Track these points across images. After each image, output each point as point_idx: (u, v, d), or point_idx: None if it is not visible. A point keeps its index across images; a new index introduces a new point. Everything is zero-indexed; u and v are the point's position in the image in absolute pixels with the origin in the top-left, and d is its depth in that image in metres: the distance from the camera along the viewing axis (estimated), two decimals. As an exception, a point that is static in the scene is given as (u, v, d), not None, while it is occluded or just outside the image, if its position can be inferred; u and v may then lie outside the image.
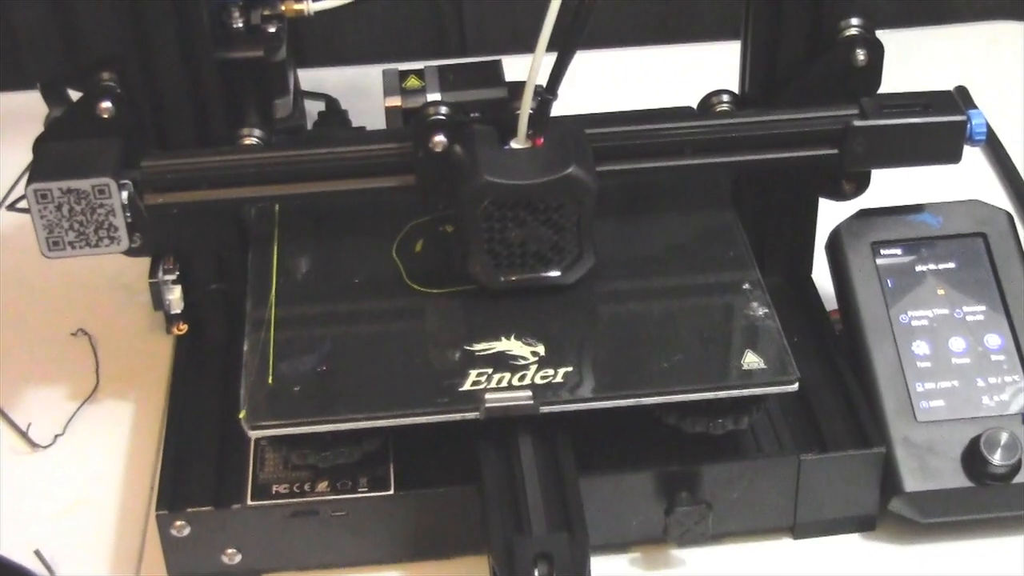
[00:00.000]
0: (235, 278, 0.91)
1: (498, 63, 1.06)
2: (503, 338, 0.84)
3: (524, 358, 0.82)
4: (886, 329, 0.88)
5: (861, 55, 0.87)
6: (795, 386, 0.80)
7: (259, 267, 0.89)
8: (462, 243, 0.85)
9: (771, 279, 0.90)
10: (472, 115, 0.85)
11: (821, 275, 0.96)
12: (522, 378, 0.81)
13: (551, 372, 0.81)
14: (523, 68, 0.84)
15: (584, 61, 1.16)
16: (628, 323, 0.85)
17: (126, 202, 0.82)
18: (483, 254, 0.85)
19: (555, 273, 0.86)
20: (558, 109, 0.84)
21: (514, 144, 0.84)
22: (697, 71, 1.01)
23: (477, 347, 0.83)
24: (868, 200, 0.92)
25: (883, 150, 0.88)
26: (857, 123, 0.87)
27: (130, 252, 0.86)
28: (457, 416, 0.80)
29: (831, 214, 0.94)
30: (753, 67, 0.90)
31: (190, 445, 0.86)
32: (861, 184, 0.91)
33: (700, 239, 0.91)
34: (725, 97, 0.92)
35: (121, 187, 0.82)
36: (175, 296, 0.92)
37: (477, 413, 0.80)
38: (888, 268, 0.90)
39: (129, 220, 0.83)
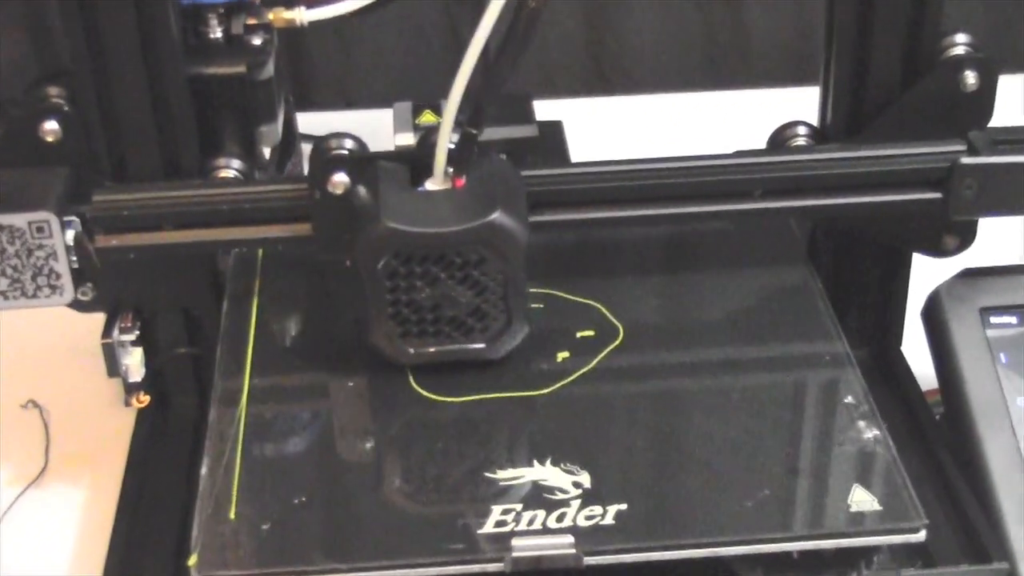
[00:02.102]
0: (207, 341, 0.81)
1: (527, 97, 0.96)
2: (536, 463, 0.70)
3: (563, 490, 0.68)
4: (1001, 414, 0.77)
5: (970, 78, 0.76)
6: (922, 535, 0.66)
7: (231, 338, 0.78)
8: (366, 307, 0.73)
9: (854, 353, 0.78)
10: (383, 152, 0.75)
11: (914, 348, 0.86)
12: (561, 517, 0.67)
13: (599, 510, 0.67)
14: (550, 113, 0.76)
15: (625, 106, 1.02)
16: (696, 442, 0.71)
17: (71, 244, 0.73)
18: (386, 320, 0.73)
19: (477, 345, 0.74)
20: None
21: (429, 185, 0.73)
22: (750, 118, 0.90)
23: (502, 475, 0.69)
24: (972, 258, 0.82)
25: (997, 195, 0.76)
26: (965, 161, 0.76)
27: (78, 306, 0.77)
28: (476, 568, 0.65)
29: (928, 274, 0.85)
30: (836, 94, 0.79)
31: (142, 541, 0.76)
32: (966, 237, 0.80)
33: (775, 315, 0.80)
34: (802, 130, 0.81)
35: (65, 225, 0.72)
36: (134, 361, 0.81)
37: (502, 565, 0.65)
38: (1001, 340, 0.80)
39: (75, 266, 0.73)
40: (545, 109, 0.98)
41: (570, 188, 0.77)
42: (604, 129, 1.19)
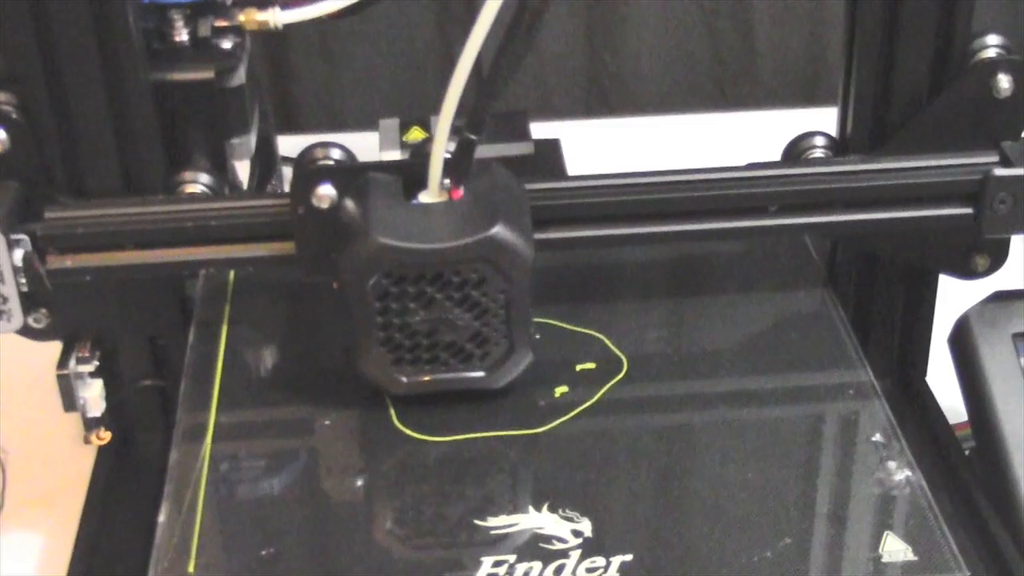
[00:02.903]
0: (175, 372, 0.76)
1: (524, 115, 0.93)
2: (531, 509, 0.65)
3: (562, 539, 0.63)
4: (1038, 448, 0.72)
5: (1004, 82, 0.72)
6: None
7: (197, 369, 0.73)
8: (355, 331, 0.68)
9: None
10: (373, 162, 0.70)
11: (940, 378, 0.81)
12: (559, 570, 0.61)
13: (601, 562, 0.62)
14: (547, 134, 0.73)
15: (626, 127, 0.95)
16: (708, 485, 0.66)
17: (19, 264, 0.68)
18: (377, 346, 0.68)
19: (477, 373, 0.69)
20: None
21: (423, 198, 0.68)
22: (757, 140, 0.86)
23: (494, 522, 0.64)
24: (1004, 280, 0.78)
25: (1035, 210, 0.71)
26: (999, 173, 0.71)
27: (30, 334, 0.73)
28: None
29: (955, 297, 0.80)
30: (858, 102, 0.74)
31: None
32: (999, 257, 0.76)
33: (793, 344, 0.75)
34: (820, 141, 0.77)
35: (13, 244, 0.68)
36: (93, 394, 0.76)
37: None
38: (1037, 368, 0.75)
39: (24, 289, 0.69)
40: (541, 131, 0.95)
41: (576, 203, 0.72)
42: (603, 151, 1.14)
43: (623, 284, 0.80)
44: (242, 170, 0.83)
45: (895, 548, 0.62)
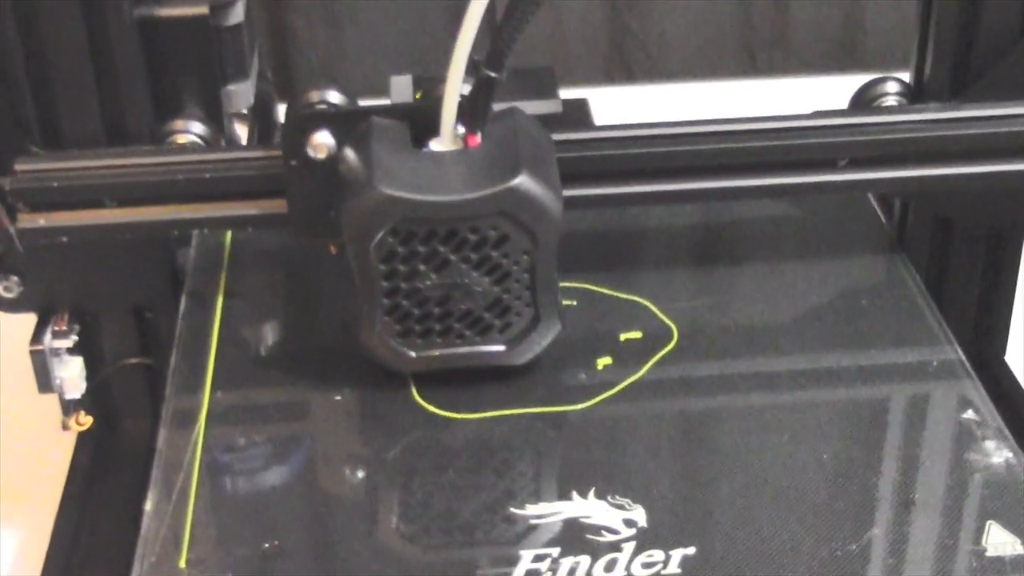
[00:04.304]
0: (164, 349, 0.71)
1: (550, 71, 0.85)
2: (575, 495, 0.58)
3: (612, 530, 0.56)
4: None
5: None
6: None
7: (189, 344, 0.67)
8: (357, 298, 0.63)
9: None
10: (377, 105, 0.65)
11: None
12: (611, 565, 0.54)
13: (659, 556, 0.55)
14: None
15: (651, 95, 0.97)
16: (778, 470, 0.59)
17: None
18: (382, 316, 0.62)
19: (496, 347, 0.63)
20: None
21: (434, 146, 0.62)
22: (789, 109, 0.79)
23: (532, 511, 0.57)
24: None
25: None
26: None
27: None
28: None
29: None
30: (938, 44, 0.70)
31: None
32: None
33: (865, 314, 0.68)
34: (893, 87, 0.72)
35: None
36: (71, 373, 0.72)
37: None
38: None
39: None
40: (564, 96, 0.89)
41: (613, 155, 0.66)
42: (629, 119, 1.07)
43: (671, 248, 0.74)
44: (241, 130, 0.79)
45: (1001, 540, 0.55)
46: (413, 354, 0.63)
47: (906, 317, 0.67)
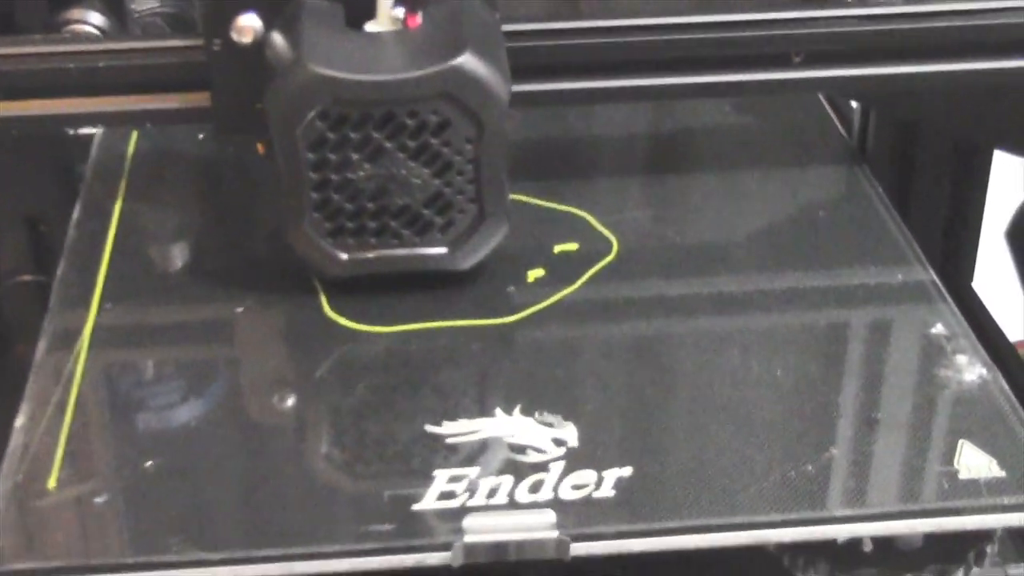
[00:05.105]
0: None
1: None
2: (499, 412, 0.52)
3: (539, 449, 0.50)
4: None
5: None
6: None
7: (79, 252, 0.61)
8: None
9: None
10: None
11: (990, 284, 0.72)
12: (536, 487, 0.49)
13: (591, 477, 0.49)
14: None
15: None
16: (727, 386, 0.54)
17: None
18: (310, 210, 0.56)
19: (437, 249, 0.57)
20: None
21: (370, 27, 0.57)
22: None
23: (451, 428, 0.51)
24: None
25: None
26: None
27: None
28: (409, 560, 0.47)
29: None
30: None
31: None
32: None
33: (821, 225, 0.63)
34: None
35: None
36: None
37: (448, 554, 0.47)
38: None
39: None
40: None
41: (553, 47, 0.60)
42: None
43: (613, 158, 0.69)
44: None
45: (975, 461, 0.49)
46: (345, 256, 0.57)
47: (868, 229, 0.63)
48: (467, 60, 0.54)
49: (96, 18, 0.64)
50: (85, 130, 0.71)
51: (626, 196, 0.64)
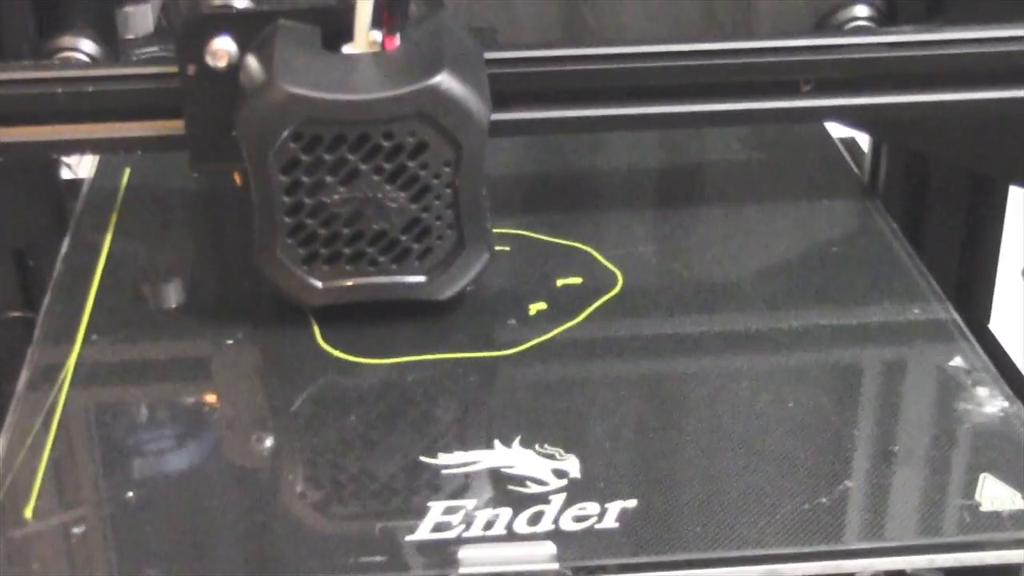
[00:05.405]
0: None
1: (493, 32, 0.75)
2: (498, 444, 0.50)
3: (539, 480, 0.48)
4: None
5: None
6: None
7: (67, 283, 0.59)
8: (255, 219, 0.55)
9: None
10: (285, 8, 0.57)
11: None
12: (536, 519, 0.46)
13: (594, 508, 0.47)
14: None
15: None
16: (736, 418, 0.52)
17: None
18: (283, 236, 0.54)
19: (415, 278, 0.55)
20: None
21: (348, 49, 0.55)
22: None
23: (446, 459, 0.49)
24: None
25: None
26: None
27: None
28: None
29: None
30: None
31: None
32: None
33: (837, 256, 0.61)
34: (862, 10, 0.65)
35: None
36: None
37: None
38: None
39: None
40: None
41: (552, 73, 0.58)
42: None
43: (616, 192, 0.66)
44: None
45: (998, 494, 0.47)
46: (319, 284, 0.54)
47: (881, 263, 0.60)
48: (444, 79, 0.52)
49: (88, 46, 0.62)
50: (72, 166, 0.70)
51: (632, 231, 0.62)
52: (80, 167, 0.70)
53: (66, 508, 0.47)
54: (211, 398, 0.53)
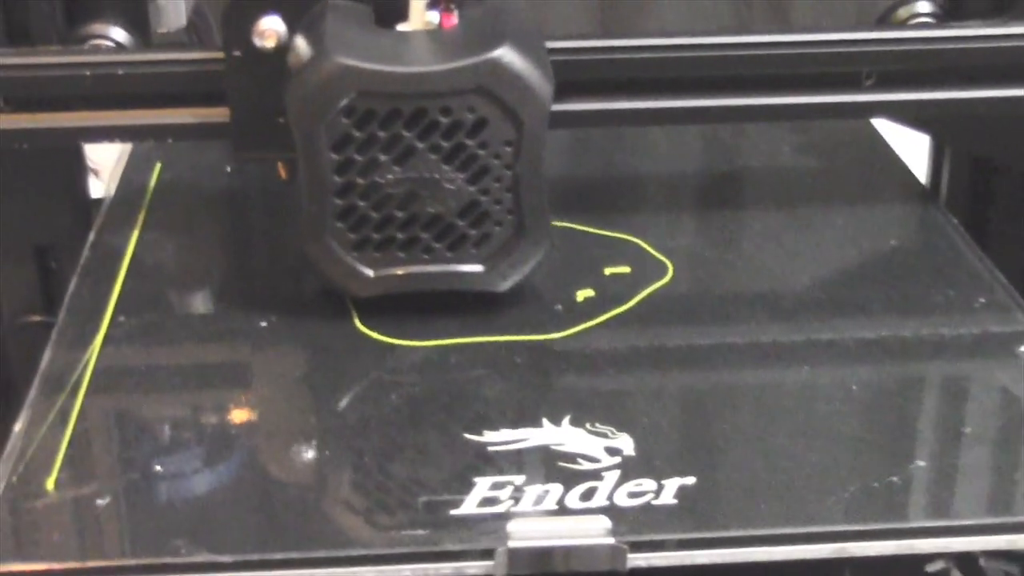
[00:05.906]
0: None
1: None
2: (547, 422, 0.47)
3: (591, 458, 0.46)
4: None
5: None
6: None
7: (93, 269, 0.57)
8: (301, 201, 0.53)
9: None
10: None
11: None
12: (589, 494, 0.44)
13: (650, 485, 0.44)
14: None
15: None
16: (800, 397, 0.50)
17: None
18: (332, 220, 0.52)
19: (472, 267, 0.53)
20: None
21: (402, 27, 0.54)
22: None
23: (492, 437, 0.47)
24: None
25: None
26: None
27: None
28: (446, 568, 0.42)
29: None
30: None
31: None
32: None
33: (898, 250, 0.59)
34: (923, 5, 0.63)
35: None
36: None
37: (490, 563, 0.42)
38: None
39: None
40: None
41: (608, 61, 0.56)
42: None
43: (666, 187, 0.65)
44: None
45: None
46: (370, 272, 0.52)
47: (942, 254, 0.58)
48: (505, 53, 0.49)
49: (119, 34, 0.60)
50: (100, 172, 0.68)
51: (682, 225, 0.61)
52: (105, 174, 0.69)
53: (89, 478, 0.45)
54: (247, 377, 0.51)
